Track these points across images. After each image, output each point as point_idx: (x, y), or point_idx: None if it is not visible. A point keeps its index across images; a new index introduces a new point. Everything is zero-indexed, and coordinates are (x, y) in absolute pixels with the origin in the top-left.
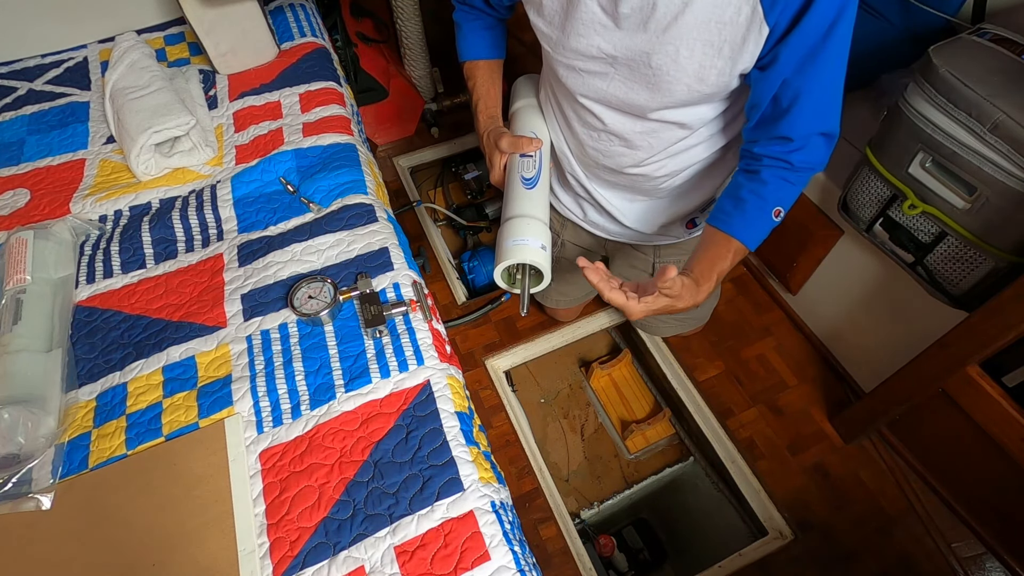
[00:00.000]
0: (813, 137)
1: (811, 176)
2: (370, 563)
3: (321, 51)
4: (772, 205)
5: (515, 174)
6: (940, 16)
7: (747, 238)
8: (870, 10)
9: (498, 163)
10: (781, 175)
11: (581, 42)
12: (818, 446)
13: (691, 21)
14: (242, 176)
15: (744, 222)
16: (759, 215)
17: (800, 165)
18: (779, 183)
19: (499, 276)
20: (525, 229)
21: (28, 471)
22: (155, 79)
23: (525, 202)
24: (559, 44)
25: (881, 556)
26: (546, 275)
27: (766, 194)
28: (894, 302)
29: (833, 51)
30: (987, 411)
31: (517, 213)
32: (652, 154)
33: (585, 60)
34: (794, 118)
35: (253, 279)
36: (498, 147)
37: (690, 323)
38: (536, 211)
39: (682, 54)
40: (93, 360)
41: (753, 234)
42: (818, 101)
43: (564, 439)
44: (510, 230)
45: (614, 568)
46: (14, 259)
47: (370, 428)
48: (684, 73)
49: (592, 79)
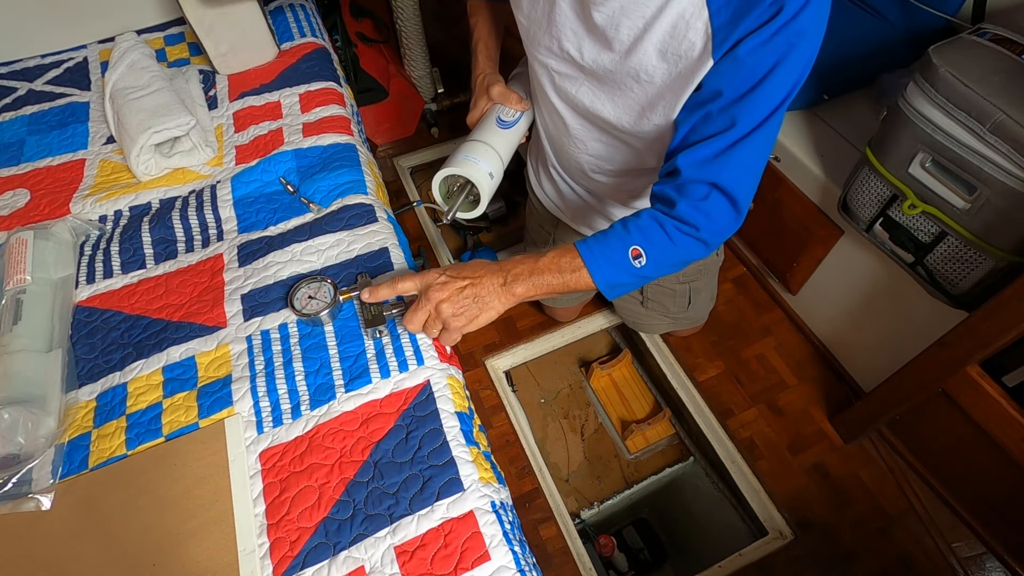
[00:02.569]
0: (708, 188)
1: (695, 243)
2: (370, 563)
3: (321, 51)
4: (634, 241)
5: (493, 114)
6: (940, 16)
7: (591, 257)
8: (870, 10)
9: (481, 107)
10: (656, 216)
11: (555, 43)
12: (818, 446)
13: (650, 48)
14: (242, 176)
15: (595, 241)
16: (615, 242)
17: (682, 214)
18: (651, 222)
19: (437, 183)
20: (483, 153)
21: (28, 471)
22: (155, 79)
23: (493, 135)
24: (535, 39)
25: (881, 556)
26: (482, 203)
27: (631, 226)
28: (894, 302)
29: (760, 102)
30: (987, 411)
31: (480, 139)
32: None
33: (557, 60)
34: (692, 152)
35: (253, 279)
36: (488, 93)
37: (684, 322)
38: (498, 146)
39: (643, 77)
40: (93, 360)
41: (599, 257)
42: (725, 147)
43: (564, 439)
44: (468, 147)
45: (614, 568)
46: (14, 259)
47: (370, 428)
48: (636, 100)
49: (563, 80)
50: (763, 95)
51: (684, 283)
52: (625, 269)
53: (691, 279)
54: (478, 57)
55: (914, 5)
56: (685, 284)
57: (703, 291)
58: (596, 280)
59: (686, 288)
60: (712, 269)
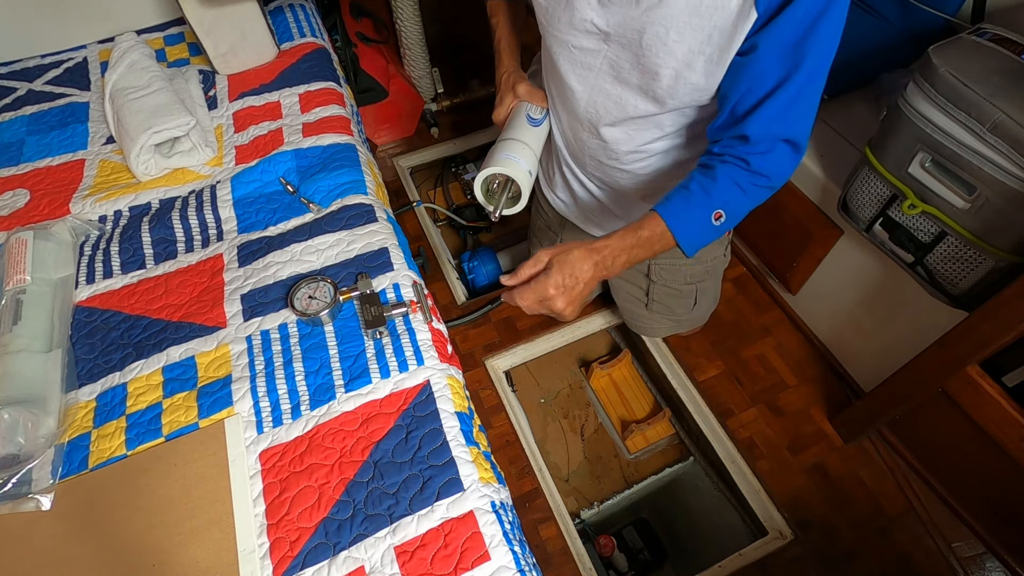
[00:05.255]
0: (775, 142)
1: (766, 192)
2: (370, 563)
3: (321, 51)
4: (716, 205)
5: (522, 112)
6: (940, 16)
7: (677, 226)
8: (870, 10)
9: (507, 104)
10: (733, 175)
11: (576, 15)
12: (818, 446)
13: (681, 2)
14: (242, 176)
15: (679, 209)
16: (698, 209)
17: (757, 168)
18: (729, 183)
19: (479, 182)
20: (520, 151)
21: (28, 471)
22: (155, 79)
23: (526, 132)
24: (554, 16)
25: (881, 556)
26: (523, 200)
27: (713, 191)
28: (894, 302)
29: (815, 50)
30: (987, 411)
31: (515, 137)
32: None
33: (578, 35)
34: (759, 116)
35: (253, 279)
36: (514, 90)
37: (686, 324)
38: (532, 143)
39: (671, 36)
40: (93, 360)
41: (685, 225)
42: (788, 101)
43: (564, 439)
44: (505, 146)
45: (614, 568)
46: (14, 259)
47: (370, 428)
48: (672, 57)
49: (584, 56)
50: (816, 40)
51: (691, 284)
52: (708, 231)
53: (698, 280)
54: (502, 56)
55: (914, 5)
56: (692, 285)
57: (709, 292)
58: (683, 246)
59: (692, 289)
60: (719, 270)
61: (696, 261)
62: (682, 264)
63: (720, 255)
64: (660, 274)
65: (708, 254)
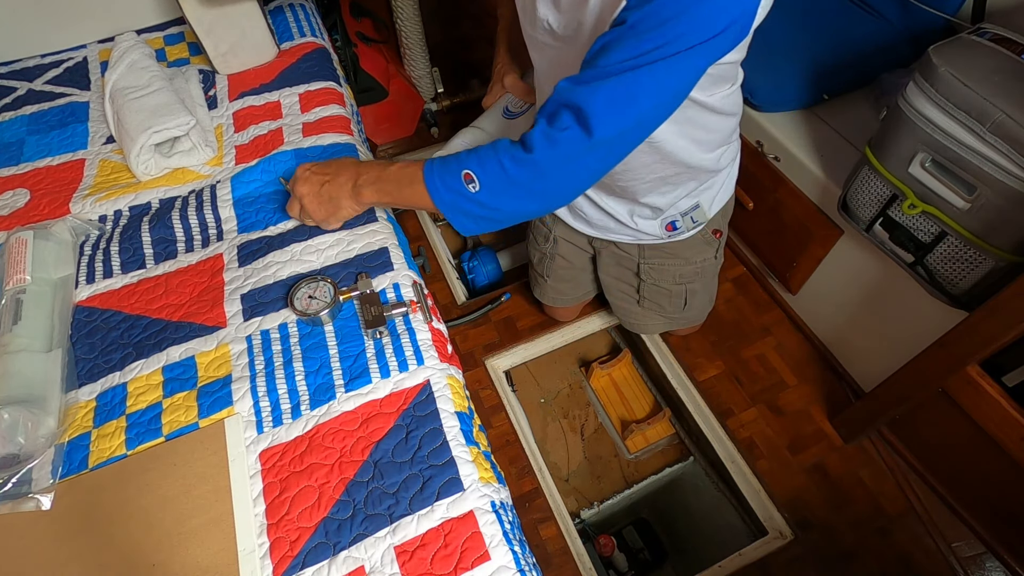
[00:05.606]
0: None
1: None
2: (370, 563)
3: (321, 51)
4: (467, 165)
5: (502, 103)
6: (940, 16)
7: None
8: (870, 10)
9: (495, 94)
10: (502, 140)
11: (537, 15)
12: (818, 446)
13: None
14: (242, 176)
15: (440, 160)
16: (453, 163)
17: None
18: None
19: None
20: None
21: (28, 471)
22: (155, 79)
23: (492, 122)
24: (527, 14)
25: (881, 556)
26: None
27: (473, 151)
28: (894, 302)
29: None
30: (987, 411)
31: (478, 124)
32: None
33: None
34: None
35: (253, 279)
36: (502, 81)
37: (681, 322)
38: (496, 133)
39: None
40: (93, 360)
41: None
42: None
43: (564, 439)
44: (471, 134)
45: (614, 568)
46: (14, 259)
47: (370, 428)
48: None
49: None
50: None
51: (680, 284)
52: (458, 192)
53: (688, 280)
54: (499, 46)
55: (914, 5)
56: (681, 286)
57: (700, 293)
58: (432, 196)
59: (682, 289)
60: (710, 271)
61: (685, 262)
62: (669, 264)
63: (711, 257)
64: (649, 272)
65: (698, 256)
